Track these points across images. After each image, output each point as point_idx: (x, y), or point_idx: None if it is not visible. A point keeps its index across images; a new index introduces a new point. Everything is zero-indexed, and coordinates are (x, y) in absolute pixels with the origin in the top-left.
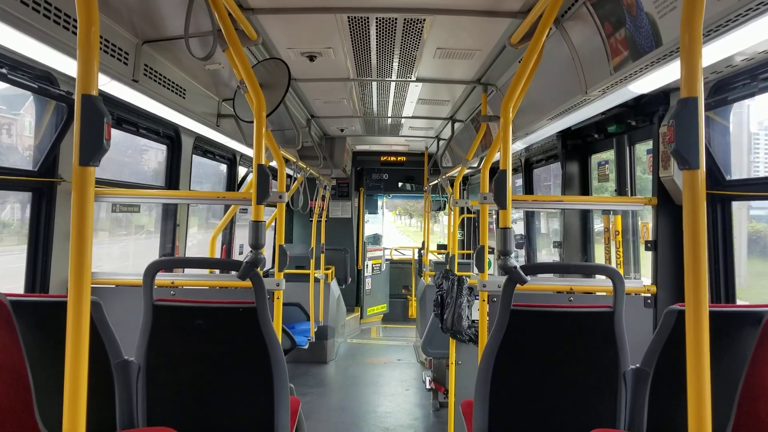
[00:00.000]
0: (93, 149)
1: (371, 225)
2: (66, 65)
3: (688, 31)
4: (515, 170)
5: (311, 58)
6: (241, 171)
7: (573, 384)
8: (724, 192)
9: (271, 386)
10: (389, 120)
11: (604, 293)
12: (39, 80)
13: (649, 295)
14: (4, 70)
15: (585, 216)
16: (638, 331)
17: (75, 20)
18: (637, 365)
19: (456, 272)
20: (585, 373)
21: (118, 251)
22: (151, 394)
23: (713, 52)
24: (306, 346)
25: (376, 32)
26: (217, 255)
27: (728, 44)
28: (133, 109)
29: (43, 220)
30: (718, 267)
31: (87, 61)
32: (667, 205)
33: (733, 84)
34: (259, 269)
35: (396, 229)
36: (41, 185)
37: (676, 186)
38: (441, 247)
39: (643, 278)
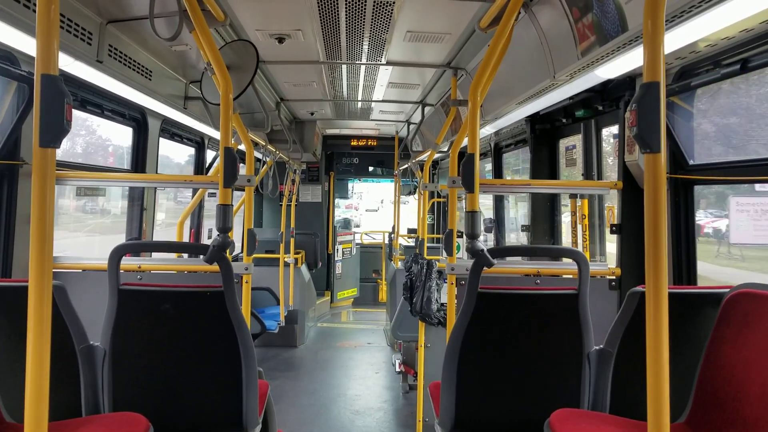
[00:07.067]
0: (53, 130)
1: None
2: (26, 45)
3: (651, 17)
4: (485, 155)
5: (280, 39)
6: (210, 155)
7: (538, 365)
8: (687, 176)
9: (239, 370)
10: (359, 104)
11: (571, 276)
12: None
13: (614, 277)
14: None
15: (553, 200)
16: (603, 313)
17: None
18: (601, 346)
19: (425, 256)
20: (550, 354)
21: None
22: (117, 379)
23: (677, 38)
24: (276, 330)
25: (346, 14)
26: (185, 240)
27: (691, 30)
28: (97, 91)
29: (4, 204)
30: (680, 250)
31: (46, 39)
32: (632, 189)
33: (697, 70)
34: (228, 253)
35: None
36: (2, 168)
37: (641, 170)
38: (411, 231)
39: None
